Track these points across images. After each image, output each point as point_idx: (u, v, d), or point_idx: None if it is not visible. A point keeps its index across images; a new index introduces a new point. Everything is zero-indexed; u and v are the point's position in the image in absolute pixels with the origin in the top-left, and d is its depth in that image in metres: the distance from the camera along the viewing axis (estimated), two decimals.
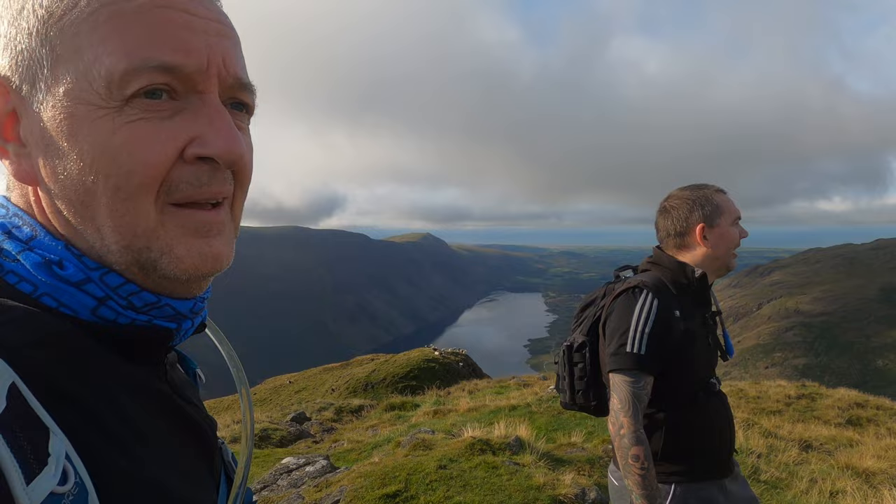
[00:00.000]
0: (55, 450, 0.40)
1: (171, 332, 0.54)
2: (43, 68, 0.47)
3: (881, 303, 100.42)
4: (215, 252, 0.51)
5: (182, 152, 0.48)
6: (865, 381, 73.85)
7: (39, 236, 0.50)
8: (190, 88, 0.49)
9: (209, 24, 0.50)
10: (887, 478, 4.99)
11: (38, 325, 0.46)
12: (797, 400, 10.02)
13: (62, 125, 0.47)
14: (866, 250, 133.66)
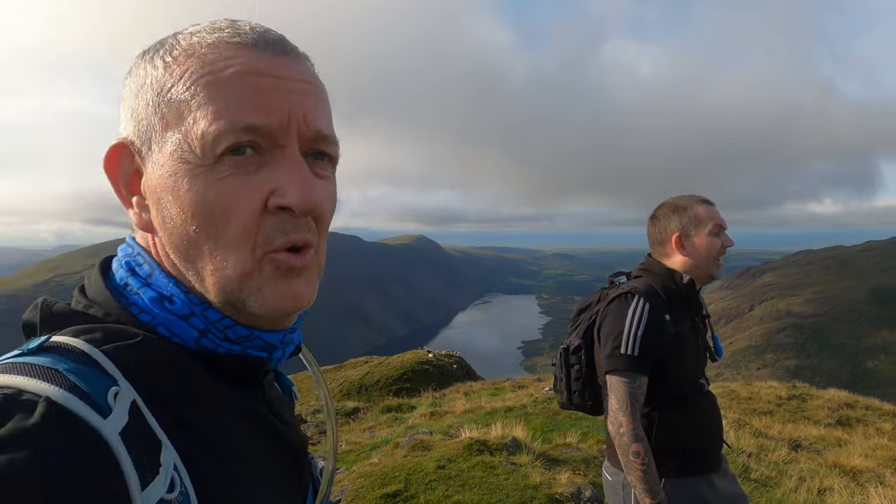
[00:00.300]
0: (165, 461, 0.46)
1: (262, 360, 0.60)
2: (156, 133, 0.55)
3: (872, 304, 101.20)
4: (296, 292, 0.57)
5: (266, 204, 0.54)
6: (856, 382, 74.36)
7: (155, 274, 0.58)
8: (273, 144, 0.54)
9: (293, 84, 0.56)
10: (874, 476, 5.12)
11: (156, 351, 0.53)
12: (788, 401, 10.16)
13: (168, 181, 0.54)
14: (857, 252, 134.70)
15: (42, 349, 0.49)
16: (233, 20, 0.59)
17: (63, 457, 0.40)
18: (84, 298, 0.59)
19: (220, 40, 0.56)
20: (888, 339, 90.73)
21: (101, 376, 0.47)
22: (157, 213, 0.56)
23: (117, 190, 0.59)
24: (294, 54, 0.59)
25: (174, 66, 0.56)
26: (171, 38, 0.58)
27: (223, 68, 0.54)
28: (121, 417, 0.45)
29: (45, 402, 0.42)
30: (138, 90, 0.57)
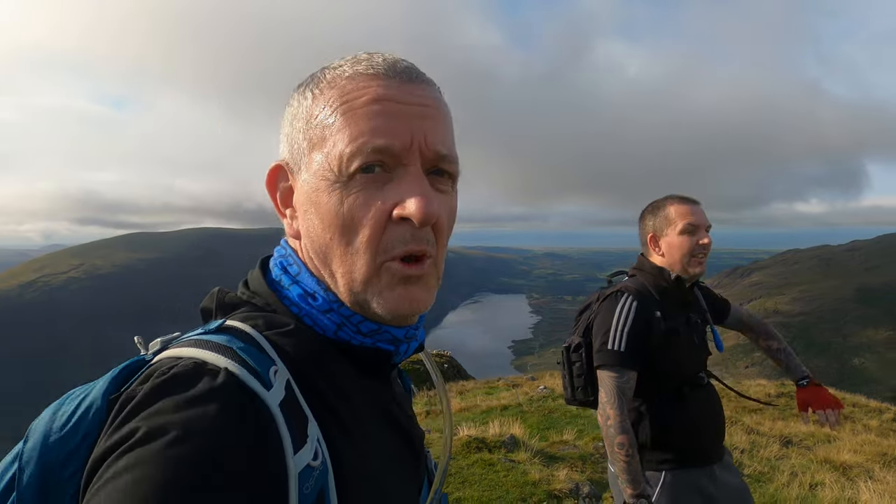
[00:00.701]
0: (311, 433, 0.55)
1: (390, 353, 0.68)
2: (304, 155, 0.65)
3: (857, 303, 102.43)
4: (414, 297, 0.63)
5: (390, 215, 0.61)
6: (842, 380, 75.22)
7: (302, 273, 0.68)
8: (397, 162, 0.62)
9: (416, 109, 0.63)
10: (863, 470, 5.21)
11: (304, 339, 0.63)
12: (777, 398, 10.23)
13: (312, 196, 0.64)
14: (842, 252, 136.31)
15: (219, 330, 0.61)
16: (371, 53, 0.67)
17: (241, 414, 0.50)
18: (247, 290, 0.70)
19: (356, 72, 0.64)
20: (873, 338, 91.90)
21: (263, 356, 0.58)
22: (303, 222, 0.66)
23: (275, 203, 0.71)
24: (420, 80, 0.66)
25: (319, 97, 0.65)
26: (319, 73, 0.68)
27: (357, 97, 0.62)
28: (279, 392, 0.55)
29: (224, 371, 0.53)
30: (293, 119, 0.67)
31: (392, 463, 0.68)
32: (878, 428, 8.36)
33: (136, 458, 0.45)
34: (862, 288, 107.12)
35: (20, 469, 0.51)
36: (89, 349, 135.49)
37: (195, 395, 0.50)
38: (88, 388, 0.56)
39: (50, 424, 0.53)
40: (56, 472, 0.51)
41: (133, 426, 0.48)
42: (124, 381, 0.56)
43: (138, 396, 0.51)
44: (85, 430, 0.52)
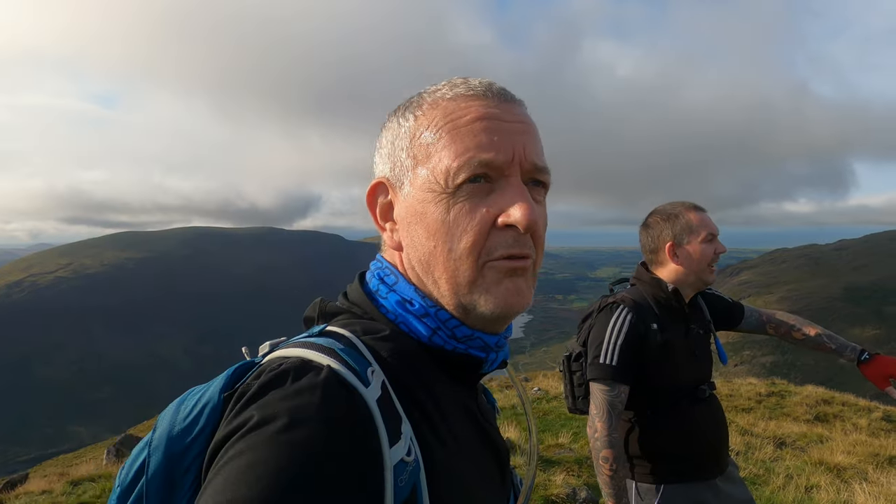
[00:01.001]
0: (405, 431, 0.59)
1: (481, 360, 0.73)
2: (408, 171, 0.71)
3: (844, 301, 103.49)
4: (520, 288, 0.68)
5: (494, 222, 0.67)
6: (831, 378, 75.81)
7: (400, 283, 0.73)
8: (500, 174, 0.67)
9: (514, 125, 0.69)
10: (857, 472, 5.23)
11: (399, 344, 0.68)
12: (767, 397, 10.29)
13: (417, 207, 0.70)
14: (830, 251, 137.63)
15: (322, 334, 0.67)
16: (465, 77, 0.73)
17: (345, 405, 0.56)
18: (346, 300, 0.77)
19: (456, 94, 0.71)
20: (860, 336, 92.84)
21: (361, 358, 0.63)
22: (405, 234, 0.72)
23: (374, 217, 0.77)
24: (514, 101, 0.72)
25: (422, 118, 0.71)
26: (416, 97, 0.74)
27: (461, 116, 0.68)
28: (376, 390, 0.59)
29: (327, 368, 0.58)
30: (394, 139, 0.73)
31: (480, 468, 0.71)
32: (868, 427, 8.42)
33: (250, 443, 0.52)
34: (849, 287, 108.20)
35: (149, 454, 0.60)
36: (78, 349, 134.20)
37: (301, 387, 0.56)
38: (206, 387, 0.63)
39: (174, 417, 0.61)
40: (178, 460, 0.59)
41: (248, 414, 0.54)
42: (237, 380, 0.62)
43: (252, 389, 0.57)
44: (203, 423, 0.59)
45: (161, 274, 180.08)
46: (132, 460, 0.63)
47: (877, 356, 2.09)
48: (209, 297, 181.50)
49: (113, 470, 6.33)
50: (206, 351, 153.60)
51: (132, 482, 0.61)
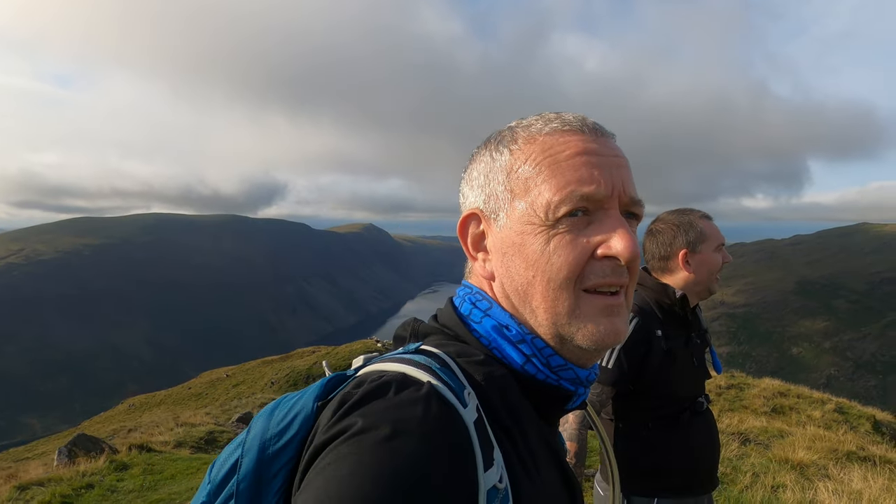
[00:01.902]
0: (497, 458, 0.59)
1: (570, 393, 0.73)
2: (505, 204, 0.72)
3: (797, 295, 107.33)
4: (616, 328, 0.69)
5: (593, 253, 0.68)
6: (782, 368, 78.93)
7: (494, 308, 0.74)
8: (598, 207, 0.69)
9: (611, 160, 0.71)
10: (818, 469, 5.36)
11: (492, 369, 0.69)
12: (727, 390, 10.53)
13: (515, 239, 0.71)
14: (785, 246, 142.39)
15: (417, 351, 0.69)
16: (558, 112, 0.75)
17: (445, 422, 0.56)
18: (437, 323, 0.78)
19: (553, 129, 0.72)
20: (811, 328, 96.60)
21: (457, 380, 0.64)
22: (499, 264, 0.73)
23: (465, 247, 0.78)
24: (608, 135, 0.74)
25: (518, 152, 0.72)
26: (507, 132, 0.76)
27: (560, 151, 0.70)
28: (473, 413, 0.60)
29: (428, 384, 0.59)
30: (487, 172, 0.75)
31: (560, 502, 0.71)
32: (822, 419, 8.69)
33: (353, 448, 0.53)
34: (802, 280, 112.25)
35: (242, 455, 0.62)
36: (31, 338, 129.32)
37: (403, 399, 0.57)
38: (300, 395, 0.65)
39: (268, 422, 0.63)
40: (269, 463, 0.60)
41: (351, 421, 0.55)
42: (331, 391, 0.64)
43: (355, 397, 0.58)
44: (295, 430, 0.61)
45: (120, 261, 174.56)
46: (224, 459, 0.64)
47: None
48: (171, 285, 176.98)
49: (64, 473, 6.03)
50: (168, 341, 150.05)
51: (223, 480, 0.62)
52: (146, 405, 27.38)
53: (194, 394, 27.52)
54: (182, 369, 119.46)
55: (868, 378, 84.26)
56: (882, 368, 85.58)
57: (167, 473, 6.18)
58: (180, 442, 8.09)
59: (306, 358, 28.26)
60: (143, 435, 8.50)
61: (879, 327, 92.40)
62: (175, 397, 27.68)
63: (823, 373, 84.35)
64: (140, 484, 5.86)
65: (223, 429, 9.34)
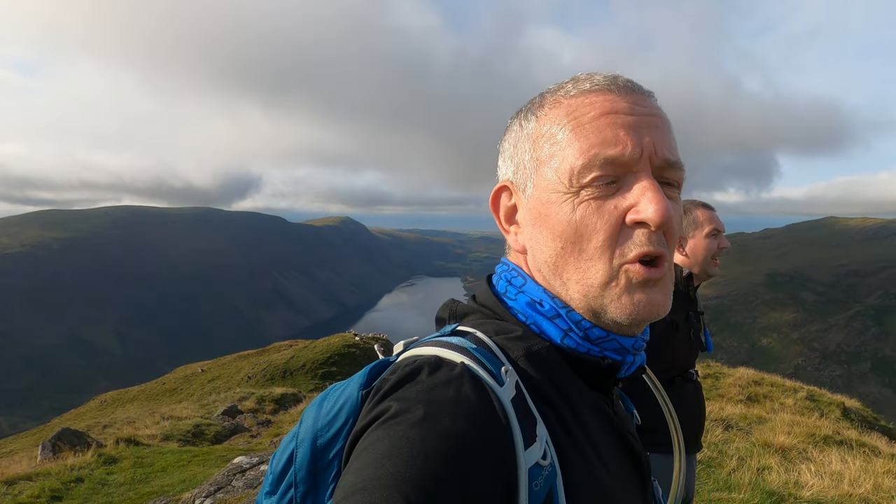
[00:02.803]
0: (540, 434, 0.57)
1: (617, 363, 0.69)
2: (532, 173, 0.69)
3: (767, 287, 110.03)
4: (653, 301, 0.64)
5: (623, 220, 0.63)
6: (752, 359, 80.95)
7: (528, 284, 0.71)
8: (627, 171, 0.64)
9: (642, 119, 0.65)
10: (799, 453, 5.56)
11: (530, 343, 0.66)
12: (704, 379, 10.77)
13: (541, 209, 0.68)
14: (755, 239, 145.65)
15: (454, 333, 0.68)
16: (590, 73, 0.70)
17: (479, 402, 0.55)
18: (475, 303, 0.76)
19: (580, 90, 0.68)
20: (779, 320, 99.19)
21: (494, 358, 0.62)
22: (529, 236, 0.71)
23: (498, 221, 0.76)
24: (641, 92, 0.69)
25: (544, 118, 0.69)
26: (537, 98, 0.73)
27: (584, 113, 0.66)
28: (510, 390, 0.58)
29: (461, 364, 0.59)
30: (516, 142, 0.72)
31: (619, 477, 0.67)
32: (795, 406, 9.00)
33: (389, 432, 0.53)
34: (771, 273, 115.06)
35: (297, 446, 0.63)
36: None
37: (436, 381, 0.57)
38: (346, 384, 0.65)
39: (318, 412, 0.64)
40: (322, 453, 0.62)
41: (385, 405, 0.56)
42: (374, 377, 0.64)
43: (389, 383, 0.59)
44: (344, 418, 0.62)
45: (89, 255, 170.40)
46: (282, 450, 0.66)
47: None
48: (143, 279, 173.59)
49: (52, 467, 5.95)
50: (139, 336, 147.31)
51: (283, 471, 0.64)
52: (119, 401, 26.85)
53: (169, 389, 27.09)
54: (155, 364, 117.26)
55: (834, 368, 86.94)
56: (846, 359, 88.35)
57: (158, 466, 6.13)
58: (167, 435, 8.01)
59: (283, 352, 27.99)
60: (130, 428, 8.39)
61: (844, 319, 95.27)
62: (149, 392, 27.22)
63: (791, 363, 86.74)
64: (131, 477, 5.80)
65: (210, 422, 9.27)
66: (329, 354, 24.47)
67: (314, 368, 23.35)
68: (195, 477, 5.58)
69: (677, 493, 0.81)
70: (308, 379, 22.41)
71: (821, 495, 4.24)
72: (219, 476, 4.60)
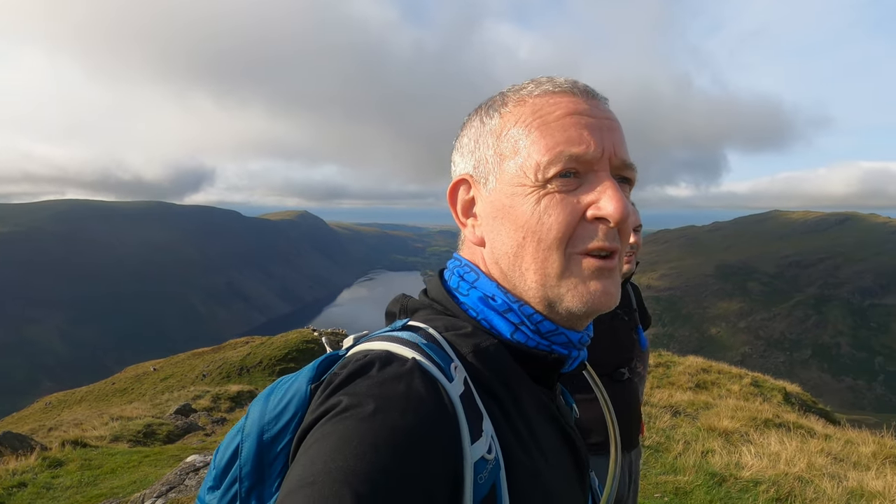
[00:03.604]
0: (486, 429, 0.60)
1: (563, 358, 0.72)
2: (494, 167, 0.72)
3: (716, 278, 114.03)
4: (607, 290, 0.68)
5: (584, 214, 0.68)
6: (702, 348, 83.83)
7: (481, 279, 0.74)
8: (589, 169, 0.68)
9: (602, 121, 0.70)
10: (741, 436, 5.84)
11: (479, 340, 0.68)
12: (655, 368, 11.13)
13: (505, 201, 0.70)
14: (705, 232, 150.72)
15: (405, 328, 0.69)
16: (549, 76, 0.75)
17: (429, 396, 0.57)
18: (427, 298, 0.77)
19: (543, 91, 0.72)
20: (727, 310, 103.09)
21: (444, 354, 0.64)
22: (489, 228, 0.73)
23: (455, 213, 0.78)
24: (599, 98, 0.74)
25: (509, 115, 0.72)
26: (498, 97, 0.76)
27: (550, 112, 0.70)
28: (459, 385, 0.61)
29: (412, 360, 0.60)
30: (477, 137, 0.75)
31: (560, 470, 0.71)
32: (740, 392, 9.44)
33: (339, 425, 0.54)
34: (720, 265, 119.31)
35: (242, 440, 0.63)
36: None
37: (387, 376, 0.58)
38: (294, 377, 0.66)
39: (265, 406, 0.64)
40: (268, 447, 0.62)
41: (336, 400, 0.57)
42: (323, 371, 0.65)
43: (340, 377, 0.59)
44: (292, 412, 0.62)
45: (30, 251, 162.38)
46: (226, 445, 0.66)
47: None
48: (89, 276, 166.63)
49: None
50: (86, 335, 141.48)
51: (227, 465, 0.65)
52: (65, 402, 25.77)
53: (119, 389, 26.16)
54: (104, 364, 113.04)
55: (778, 355, 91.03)
56: (789, 346, 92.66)
57: (107, 468, 5.94)
58: (117, 436, 7.77)
59: (239, 349, 27.40)
60: (77, 430, 8.09)
61: (787, 308, 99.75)
62: (97, 393, 26.22)
63: (739, 351, 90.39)
64: (78, 480, 5.61)
65: (161, 421, 9.02)
66: (287, 350, 24.11)
67: (271, 365, 22.98)
68: (146, 477, 5.44)
69: (612, 486, 0.86)
70: (265, 376, 22.06)
71: (759, 475, 4.46)
72: (171, 476, 4.50)
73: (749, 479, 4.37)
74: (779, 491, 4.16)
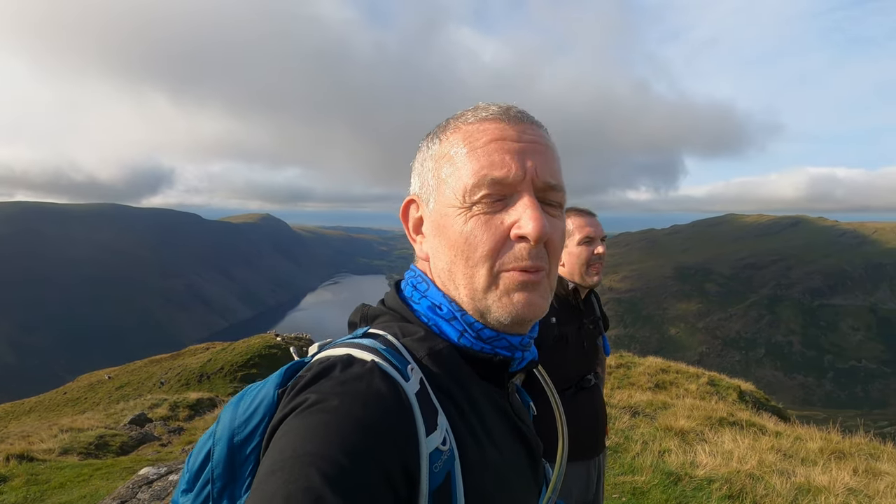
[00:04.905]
0: (441, 423, 0.67)
1: (508, 359, 0.79)
2: (434, 189, 0.80)
3: (675, 280, 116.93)
4: (531, 301, 0.75)
5: (508, 234, 0.74)
6: (662, 348, 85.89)
7: (431, 289, 0.81)
8: (512, 191, 0.75)
9: (528, 146, 0.77)
10: (696, 435, 5.99)
11: (433, 344, 0.76)
12: (616, 369, 11.32)
13: (440, 221, 0.78)
14: (664, 235, 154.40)
15: (365, 335, 0.76)
16: (488, 103, 0.82)
17: (388, 393, 0.64)
18: (384, 306, 0.85)
19: (477, 118, 0.79)
20: (686, 310, 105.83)
21: (401, 357, 0.71)
22: (432, 245, 0.80)
23: (407, 230, 0.86)
24: (530, 122, 0.80)
25: (446, 141, 0.80)
26: (443, 123, 0.84)
27: (478, 138, 0.77)
28: (415, 385, 0.68)
29: (372, 362, 0.67)
30: (423, 161, 0.83)
31: (512, 461, 0.78)
32: (697, 391, 9.69)
33: (305, 419, 0.60)
34: (679, 266, 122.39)
35: (213, 444, 0.69)
36: None
37: (349, 376, 0.65)
38: (262, 384, 0.72)
39: (235, 411, 0.70)
40: (239, 450, 0.68)
41: (303, 397, 0.63)
42: (290, 378, 0.71)
43: (305, 378, 0.66)
44: (260, 416, 0.68)
45: None
46: (199, 449, 0.72)
47: None
48: (39, 281, 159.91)
49: None
50: (36, 342, 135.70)
51: (200, 468, 0.70)
52: (12, 414, 24.65)
53: (71, 399, 25.17)
54: (55, 373, 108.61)
55: (734, 354, 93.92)
56: (745, 345, 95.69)
57: (55, 483, 5.69)
58: (66, 449, 7.45)
59: (199, 355, 26.71)
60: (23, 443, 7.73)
61: (743, 308, 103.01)
62: (48, 403, 25.18)
63: (696, 350, 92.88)
64: (23, 496, 5.35)
65: (115, 432, 8.69)
66: (249, 356, 23.56)
67: (233, 371, 22.42)
68: (97, 492, 5.24)
69: (554, 486, 0.91)
70: (226, 382, 21.50)
71: (713, 473, 4.58)
72: (123, 489, 4.34)
73: (703, 478, 4.48)
74: (731, 488, 4.27)
